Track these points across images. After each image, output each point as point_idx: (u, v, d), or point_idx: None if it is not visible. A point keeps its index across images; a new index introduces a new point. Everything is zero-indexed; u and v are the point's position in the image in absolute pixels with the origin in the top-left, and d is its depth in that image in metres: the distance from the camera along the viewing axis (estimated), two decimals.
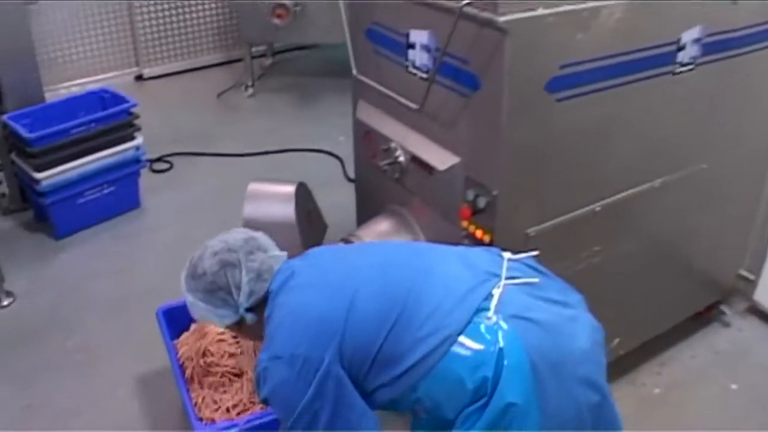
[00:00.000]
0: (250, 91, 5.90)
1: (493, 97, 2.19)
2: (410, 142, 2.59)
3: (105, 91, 4.45)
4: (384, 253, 2.12)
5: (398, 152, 2.63)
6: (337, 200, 3.85)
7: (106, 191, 4.22)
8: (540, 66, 2.18)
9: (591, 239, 2.60)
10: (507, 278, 1.93)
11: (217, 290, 2.02)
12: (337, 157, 4.88)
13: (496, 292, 1.88)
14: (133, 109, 4.22)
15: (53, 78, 5.63)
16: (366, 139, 2.83)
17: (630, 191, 2.62)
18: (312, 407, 1.85)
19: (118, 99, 4.30)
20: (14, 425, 2.97)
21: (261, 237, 2.14)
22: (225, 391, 2.78)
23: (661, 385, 3.13)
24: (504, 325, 1.82)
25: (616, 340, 2.88)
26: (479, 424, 1.79)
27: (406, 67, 2.55)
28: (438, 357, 1.82)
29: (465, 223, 2.40)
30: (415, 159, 2.56)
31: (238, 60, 6.27)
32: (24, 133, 3.90)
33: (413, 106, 2.45)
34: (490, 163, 2.28)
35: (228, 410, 2.72)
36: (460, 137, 2.38)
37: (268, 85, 6.13)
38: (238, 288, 2.01)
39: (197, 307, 2.07)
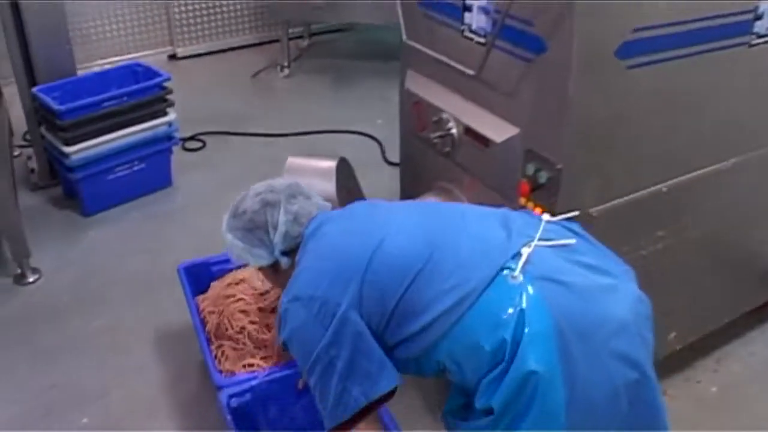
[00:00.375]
0: (286, 72, 5.74)
1: (559, 61, 2.02)
2: (464, 112, 2.42)
3: (138, 65, 4.31)
4: (420, 208, 2.05)
5: (450, 124, 2.45)
6: (376, 183, 3.72)
7: (136, 168, 4.08)
8: (612, 29, 2.00)
9: (655, 223, 2.42)
10: (541, 239, 1.78)
11: (255, 229, 2.03)
12: (375, 139, 4.71)
13: (525, 251, 1.74)
14: (166, 84, 4.08)
15: (86, 55, 5.52)
16: (415, 110, 2.65)
17: (698, 172, 2.44)
18: (328, 353, 1.77)
19: (151, 73, 4.16)
20: (39, 405, 2.86)
21: (306, 185, 2.14)
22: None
23: (717, 383, 2.94)
24: (529, 286, 1.68)
25: (673, 334, 2.70)
26: (498, 395, 1.65)
27: (462, 31, 2.37)
28: (458, 314, 1.70)
29: (523, 200, 2.22)
30: (468, 131, 2.39)
31: (274, 41, 6.15)
32: (54, 105, 3.77)
33: (470, 71, 2.27)
34: (554, 134, 2.11)
35: (245, 366, 2.62)
36: (519, 106, 2.21)
37: (304, 66, 5.98)
38: (275, 228, 2.01)
39: (235, 246, 2.08)
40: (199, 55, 6.18)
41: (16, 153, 4.50)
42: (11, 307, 3.39)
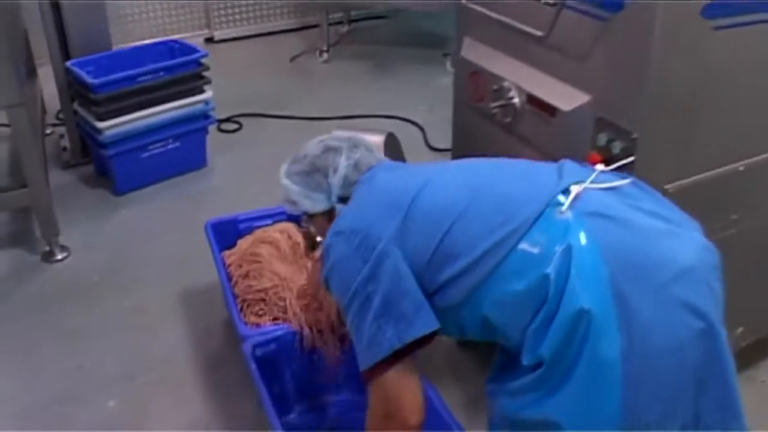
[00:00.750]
0: (325, 56, 5.60)
1: (639, 20, 1.83)
2: (527, 79, 2.23)
3: (175, 41, 4.18)
4: (471, 160, 1.94)
5: (512, 92, 2.27)
6: None
7: (171, 146, 3.94)
8: None
9: (730, 205, 2.23)
10: (594, 183, 1.64)
11: (314, 172, 1.97)
12: (417, 125, 4.53)
13: (575, 189, 1.59)
14: (204, 60, 3.94)
15: (122, 37, 5.41)
16: (472, 80, 2.46)
17: None
18: (365, 288, 1.68)
19: (188, 50, 4.03)
20: (64, 387, 2.73)
21: (367, 141, 2.08)
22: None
23: None
24: (577, 222, 1.53)
25: (740, 329, 2.49)
26: (547, 341, 1.48)
27: None
28: (501, 253, 1.56)
29: None
30: (532, 99, 2.21)
31: (312, 26, 6.02)
32: (87, 78, 3.64)
33: (538, 33, 2.09)
34: (630, 100, 1.92)
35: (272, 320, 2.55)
36: (592, 71, 2.02)
37: (343, 52, 5.82)
38: (335, 171, 1.95)
39: (292, 192, 2.01)
40: (237, 38, 6.07)
41: (48, 131, 4.41)
42: (38, 285, 3.27)
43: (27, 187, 3.24)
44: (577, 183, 1.62)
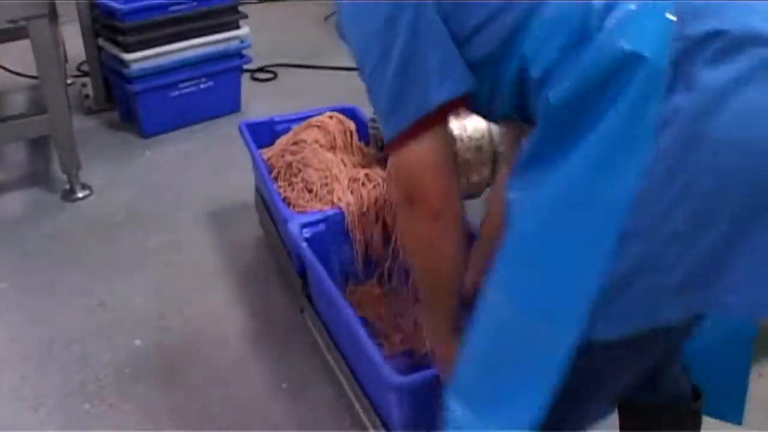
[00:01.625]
0: None
1: None
2: None
3: None
4: None
5: None
6: None
7: (203, 86, 3.63)
8: None
9: None
10: None
11: None
12: None
13: None
14: None
15: None
16: None
17: None
18: (384, 38, 1.22)
19: None
20: (85, 324, 2.44)
21: None
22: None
23: None
24: None
25: None
26: (562, 85, 1.07)
27: None
28: None
29: None
30: None
31: None
32: (115, 4, 3.34)
33: None
34: None
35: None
36: None
37: None
38: None
39: None
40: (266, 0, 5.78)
41: (69, 81, 4.10)
42: (58, 223, 2.98)
43: (47, 112, 2.94)
44: None
